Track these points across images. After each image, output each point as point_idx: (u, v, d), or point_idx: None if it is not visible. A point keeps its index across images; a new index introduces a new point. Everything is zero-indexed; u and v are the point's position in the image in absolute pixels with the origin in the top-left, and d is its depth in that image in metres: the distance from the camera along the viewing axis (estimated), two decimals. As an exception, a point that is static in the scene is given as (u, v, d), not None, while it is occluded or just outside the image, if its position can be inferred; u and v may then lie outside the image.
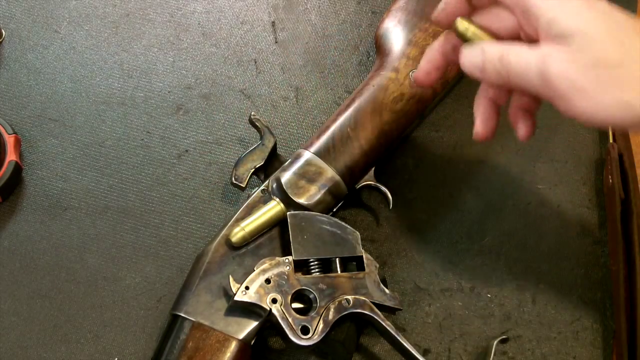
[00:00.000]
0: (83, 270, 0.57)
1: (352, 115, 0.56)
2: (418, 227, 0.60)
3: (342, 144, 0.55)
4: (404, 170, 0.62)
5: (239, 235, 0.52)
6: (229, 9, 0.68)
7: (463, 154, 0.62)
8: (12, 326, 0.55)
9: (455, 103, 0.64)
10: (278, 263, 0.50)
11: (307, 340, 0.48)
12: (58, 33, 0.66)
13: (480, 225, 0.60)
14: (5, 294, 0.56)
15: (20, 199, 0.59)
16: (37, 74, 0.64)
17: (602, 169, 0.62)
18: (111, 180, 0.60)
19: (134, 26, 0.67)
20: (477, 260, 0.58)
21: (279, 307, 0.48)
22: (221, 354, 0.49)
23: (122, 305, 0.56)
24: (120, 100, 0.64)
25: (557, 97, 0.42)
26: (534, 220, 0.60)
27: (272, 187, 0.54)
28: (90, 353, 0.54)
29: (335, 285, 0.50)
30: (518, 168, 0.62)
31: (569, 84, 0.41)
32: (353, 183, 0.56)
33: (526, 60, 0.43)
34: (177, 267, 0.57)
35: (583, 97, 0.40)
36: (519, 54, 0.43)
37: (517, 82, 0.43)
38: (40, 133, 0.62)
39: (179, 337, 0.49)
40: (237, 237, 0.51)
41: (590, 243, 0.59)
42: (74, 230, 0.58)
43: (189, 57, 0.66)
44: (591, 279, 0.58)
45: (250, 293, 0.49)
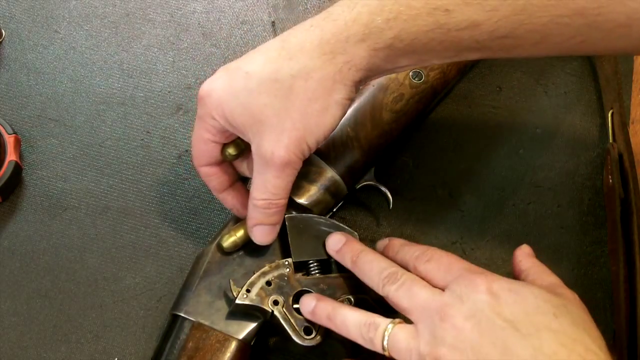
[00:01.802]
0: (83, 270, 0.57)
1: (352, 115, 0.56)
2: (418, 227, 0.60)
3: (342, 143, 0.55)
4: (404, 170, 0.62)
5: (230, 240, 0.51)
6: (229, 9, 0.68)
7: (463, 154, 0.62)
8: (12, 326, 0.55)
9: (455, 103, 0.64)
10: (278, 265, 0.50)
11: (311, 341, 0.48)
12: (58, 33, 0.66)
13: (480, 225, 0.60)
14: (5, 294, 0.56)
15: (20, 199, 0.59)
16: (37, 74, 0.64)
17: (602, 169, 0.62)
18: (111, 180, 0.60)
19: (134, 26, 0.67)
20: (477, 260, 0.58)
21: (281, 308, 0.48)
22: (221, 354, 0.49)
23: (122, 305, 0.56)
24: (120, 100, 0.64)
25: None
26: (534, 220, 0.60)
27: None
28: (90, 353, 0.54)
29: (336, 285, 0.50)
30: (518, 168, 0.62)
31: None
32: (353, 183, 0.56)
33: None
34: (177, 267, 0.57)
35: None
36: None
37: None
38: (40, 133, 0.62)
39: (179, 337, 0.49)
40: (228, 242, 0.51)
41: (590, 243, 0.59)
42: (74, 230, 0.58)
43: (189, 57, 0.66)
44: (591, 279, 0.58)
45: (252, 296, 0.49)
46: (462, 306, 0.41)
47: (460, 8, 0.43)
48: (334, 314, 0.47)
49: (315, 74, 0.44)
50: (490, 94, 0.65)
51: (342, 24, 0.44)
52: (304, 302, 0.48)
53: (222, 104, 0.46)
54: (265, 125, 0.45)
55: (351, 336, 0.46)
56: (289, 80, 0.44)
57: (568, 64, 0.66)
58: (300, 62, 0.44)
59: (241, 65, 0.46)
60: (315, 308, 0.48)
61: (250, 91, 0.45)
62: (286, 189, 0.48)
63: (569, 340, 0.39)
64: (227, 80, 0.46)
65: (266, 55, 0.46)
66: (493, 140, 0.63)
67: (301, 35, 0.45)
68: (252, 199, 0.48)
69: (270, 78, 0.45)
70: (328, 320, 0.47)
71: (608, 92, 0.64)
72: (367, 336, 0.44)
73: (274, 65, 0.45)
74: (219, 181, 0.51)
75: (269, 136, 0.45)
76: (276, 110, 0.45)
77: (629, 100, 0.65)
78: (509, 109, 0.65)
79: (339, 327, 0.46)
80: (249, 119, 0.45)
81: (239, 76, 0.46)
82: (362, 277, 0.48)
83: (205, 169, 0.51)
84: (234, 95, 0.46)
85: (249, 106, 0.45)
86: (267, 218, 0.49)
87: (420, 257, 0.46)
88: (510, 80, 0.66)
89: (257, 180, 0.48)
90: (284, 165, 0.46)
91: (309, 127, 0.45)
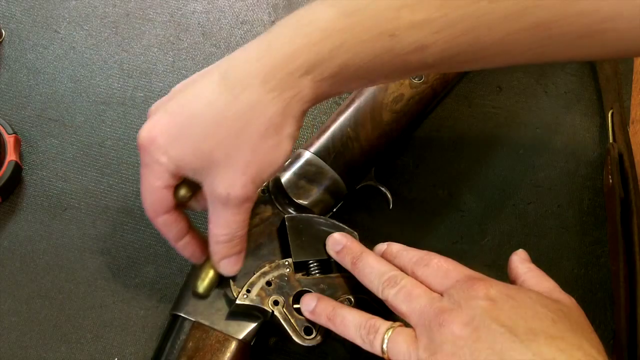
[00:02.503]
0: (83, 270, 0.57)
1: (352, 115, 0.56)
2: (418, 227, 0.60)
3: (342, 144, 0.55)
4: (404, 170, 0.62)
5: (205, 285, 0.50)
6: (229, 9, 0.68)
7: (463, 154, 0.62)
8: (12, 326, 0.55)
9: (455, 103, 0.65)
10: (278, 265, 0.50)
11: (311, 341, 0.48)
12: (58, 33, 0.66)
13: (480, 225, 0.60)
14: (5, 294, 0.56)
15: (20, 199, 0.59)
16: (37, 74, 0.64)
17: (602, 169, 0.62)
18: (111, 180, 0.60)
19: (134, 26, 0.67)
20: (477, 260, 0.58)
21: (281, 308, 0.48)
22: (221, 354, 0.49)
23: (122, 305, 0.56)
24: (120, 100, 0.64)
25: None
26: (534, 220, 0.60)
27: (271, 187, 0.54)
28: (90, 353, 0.54)
29: (336, 285, 0.50)
30: (518, 168, 0.62)
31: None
32: (353, 183, 0.56)
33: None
34: (177, 267, 0.57)
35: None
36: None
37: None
38: (40, 133, 0.62)
39: (179, 337, 0.49)
40: (203, 287, 0.50)
41: (590, 243, 0.59)
42: (74, 230, 0.58)
43: (189, 57, 0.66)
44: (591, 279, 0.58)
45: (252, 296, 0.49)
46: (460, 312, 0.41)
47: (407, 32, 0.41)
48: (333, 314, 0.47)
49: (264, 112, 0.43)
50: (490, 94, 0.65)
51: (284, 57, 0.42)
52: (305, 301, 0.48)
53: (168, 149, 0.44)
54: (217, 166, 0.44)
55: (350, 337, 0.46)
56: (237, 120, 0.43)
57: (568, 64, 0.67)
58: (247, 101, 0.42)
59: (181, 107, 0.44)
60: (316, 308, 0.48)
61: (198, 135, 0.43)
62: (246, 220, 0.47)
63: (567, 346, 0.39)
64: (170, 124, 0.44)
65: (207, 94, 0.43)
66: (493, 140, 0.63)
67: (242, 70, 0.43)
68: (214, 236, 0.47)
69: (216, 119, 0.43)
70: (328, 321, 0.47)
71: (608, 92, 0.64)
72: (366, 339, 0.44)
73: (218, 104, 0.43)
74: (177, 229, 0.49)
75: (223, 177, 0.44)
76: (227, 152, 0.43)
77: (629, 100, 0.65)
78: (509, 109, 0.65)
79: (338, 328, 0.46)
80: (199, 161, 0.44)
81: (181, 120, 0.44)
82: (361, 280, 0.48)
83: (162, 219, 0.48)
84: (180, 139, 0.44)
85: (198, 150, 0.43)
86: (231, 250, 0.48)
87: (418, 262, 0.46)
88: (510, 80, 0.66)
89: (215, 218, 0.46)
90: (242, 202, 0.45)
91: (263, 164, 0.44)
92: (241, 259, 0.49)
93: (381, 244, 0.50)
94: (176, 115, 0.44)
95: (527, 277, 0.46)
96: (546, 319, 0.40)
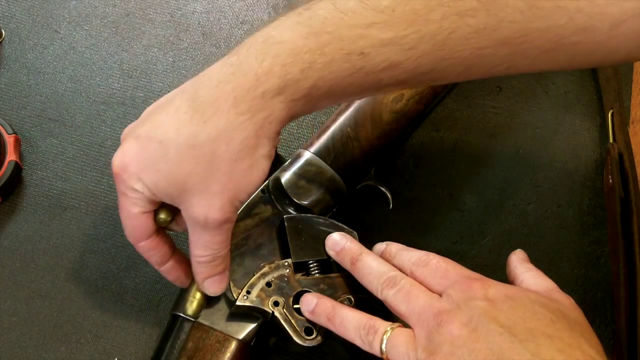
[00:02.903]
0: (83, 270, 0.57)
1: (352, 115, 0.56)
2: (418, 227, 0.60)
3: (342, 144, 0.55)
4: (404, 170, 0.61)
5: (194, 307, 0.50)
6: (229, 9, 0.68)
7: (463, 154, 0.62)
8: (12, 326, 0.55)
9: (455, 103, 0.64)
10: (278, 266, 0.50)
11: (312, 341, 0.48)
12: (58, 33, 0.66)
13: (480, 225, 0.60)
14: (5, 294, 0.56)
15: (20, 199, 0.59)
16: (37, 74, 0.64)
17: (602, 169, 0.62)
18: (111, 180, 0.60)
19: (134, 26, 0.67)
20: (477, 260, 0.58)
21: (282, 309, 0.48)
22: (221, 354, 0.49)
23: (122, 305, 0.56)
24: (120, 100, 0.64)
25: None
26: (534, 220, 0.60)
27: (271, 187, 0.54)
28: (90, 353, 0.54)
29: (336, 285, 0.50)
30: (518, 168, 0.62)
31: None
32: (353, 183, 0.56)
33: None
34: (177, 267, 0.57)
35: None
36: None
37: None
38: (40, 133, 0.62)
39: (179, 337, 0.49)
40: (192, 309, 0.50)
41: (590, 243, 0.59)
42: (74, 230, 0.58)
43: (189, 57, 0.66)
44: (591, 279, 0.58)
45: (252, 297, 0.49)
46: (459, 312, 0.41)
47: (377, 50, 0.41)
48: (333, 314, 0.47)
49: (236, 136, 0.42)
50: (490, 94, 0.65)
51: (254, 79, 0.41)
52: (304, 301, 0.48)
53: (141, 177, 0.43)
54: (192, 192, 0.43)
55: (350, 338, 0.46)
56: (209, 145, 0.42)
57: (568, 64, 0.67)
58: (218, 125, 0.42)
59: (151, 133, 0.43)
60: (315, 308, 0.48)
61: (170, 161, 0.42)
62: (226, 240, 0.47)
63: (566, 346, 0.39)
64: (141, 151, 0.43)
65: (176, 119, 0.42)
66: (493, 140, 0.63)
67: (211, 93, 0.42)
68: (195, 257, 0.47)
69: (188, 145, 0.42)
70: (327, 321, 0.47)
71: (608, 92, 0.64)
72: (365, 339, 0.44)
73: (189, 130, 0.42)
74: (160, 254, 0.49)
75: (199, 202, 0.43)
76: (201, 177, 0.43)
77: (629, 100, 0.65)
78: (509, 109, 0.65)
79: (337, 328, 0.46)
80: (174, 188, 0.43)
81: (152, 147, 0.43)
82: (360, 280, 0.48)
83: (144, 245, 0.47)
84: (152, 167, 0.43)
85: (171, 176, 0.43)
86: (214, 270, 0.48)
87: (417, 262, 0.46)
88: (510, 80, 0.66)
89: (195, 240, 0.46)
90: (220, 225, 0.45)
91: (238, 186, 0.44)
92: (225, 277, 0.49)
93: (380, 243, 0.50)
94: (146, 142, 0.43)
95: (525, 277, 0.46)
96: (545, 319, 0.40)
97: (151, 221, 0.47)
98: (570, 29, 0.42)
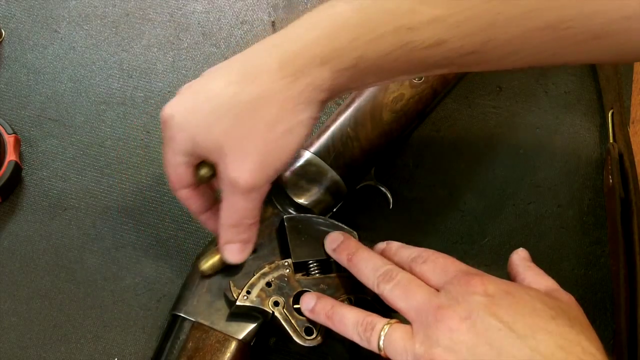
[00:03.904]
0: (83, 270, 0.57)
1: (352, 115, 0.56)
2: (418, 227, 0.60)
3: (342, 143, 0.55)
4: (404, 170, 0.62)
5: (209, 264, 0.50)
6: (229, 9, 0.68)
7: (463, 154, 0.62)
8: (12, 326, 0.55)
9: (455, 103, 0.65)
10: (278, 266, 0.50)
11: (312, 341, 0.48)
12: (58, 33, 0.66)
13: (480, 225, 0.60)
14: (5, 294, 0.56)
15: (20, 199, 0.59)
16: (37, 74, 0.64)
17: (602, 169, 0.62)
18: (111, 180, 0.60)
19: (134, 26, 0.67)
20: (477, 260, 0.58)
21: (282, 309, 0.48)
22: (221, 354, 0.49)
23: (122, 305, 0.56)
24: (120, 100, 0.64)
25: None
26: (534, 220, 0.60)
27: (271, 187, 0.54)
28: (90, 353, 0.54)
29: (336, 285, 0.50)
30: (518, 168, 0.62)
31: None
32: (353, 183, 0.56)
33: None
34: (177, 267, 0.57)
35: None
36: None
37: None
38: (40, 133, 0.62)
39: (178, 337, 0.49)
40: (206, 265, 0.50)
41: (590, 243, 0.59)
42: (74, 230, 0.58)
43: (189, 57, 0.66)
44: (591, 279, 0.58)
45: (252, 297, 0.49)
46: (458, 307, 0.41)
47: (425, 26, 0.42)
48: (332, 312, 0.47)
49: (277, 97, 0.43)
50: (490, 94, 0.65)
51: (303, 46, 0.43)
52: (304, 300, 0.48)
53: (184, 127, 0.45)
54: (228, 149, 0.44)
55: (349, 335, 0.46)
56: (250, 104, 0.43)
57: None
58: (261, 85, 0.43)
59: (203, 87, 0.45)
60: (315, 307, 0.48)
61: (212, 115, 0.44)
62: (254, 210, 0.47)
63: (566, 342, 0.39)
64: (189, 103, 0.45)
65: (227, 78, 0.44)
66: (493, 140, 0.63)
67: (262, 56, 0.44)
68: (221, 218, 0.48)
69: (231, 102, 0.44)
70: (327, 319, 0.47)
71: (608, 92, 0.64)
72: (363, 336, 0.44)
73: (235, 88, 0.44)
74: (197, 204, 0.50)
75: (233, 161, 0.44)
76: (238, 135, 0.44)
77: (629, 100, 0.65)
78: (509, 109, 0.65)
79: (337, 326, 0.46)
80: (212, 143, 0.45)
81: (200, 99, 0.45)
82: (357, 276, 0.48)
83: (182, 193, 0.49)
84: (196, 118, 0.45)
85: (211, 130, 0.44)
86: (237, 237, 0.48)
87: (416, 259, 0.46)
88: (510, 80, 0.66)
89: (225, 202, 0.47)
90: (249, 190, 0.45)
91: (273, 150, 0.44)
92: (247, 249, 0.49)
93: (380, 242, 0.50)
94: (195, 96, 0.45)
95: (526, 275, 0.46)
96: (545, 315, 0.40)
97: (191, 172, 0.48)
98: (620, 13, 0.41)
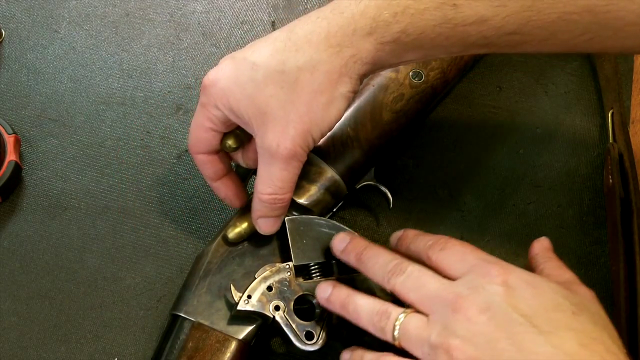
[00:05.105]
0: (83, 270, 0.57)
1: (352, 115, 0.56)
2: (418, 227, 0.59)
3: (342, 144, 0.55)
4: (404, 170, 0.62)
5: (235, 232, 0.52)
6: (229, 9, 0.68)
7: (463, 154, 0.62)
8: (12, 326, 0.55)
9: (455, 103, 0.65)
10: (279, 269, 0.50)
11: (312, 346, 0.48)
12: (58, 33, 0.66)
13: (480, 225, 0.60)
14: (5, 294, 0.56)
15: (20, 199, 0.59)
16: (37, 74, 0.64)
17: (602, 169, 0.61)
18: (111, 180, 0.60)
19: (134, 26, 0.67)
20: (477, 260, 0.58)
21: (282, 314, 0.48)
22: (221, 354, 0.49)
23: (122, 305, 0.56)
24: (120, 100, 0.64)
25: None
26: (534, 220, 0.60)
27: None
28: (90, 353, 0.54)
29: (336, 286, 0.50)
30: (518, 168, 0.62)
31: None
32: (353, 183, 0.56)
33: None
34: (177, 267, 0.57)
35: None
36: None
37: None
38: (40, 133, 0.62)
39: (179, 337, 0.49)
40: (233, 232, 0.52)
41: (590, 243, 0.59)
42: (74, 230, 0.58)
43: (189, 57, 0.66)
44: (591, 279, 0.58)
45: (253, 301, 0.48)
46: (477, 297, 0.40)
47: (469, 3, 0.43)
48: (347, 301, 0.46)
49: (321, 67, 0.44)
50: (490, 94, 0.65)
51: (349, 17, 0.44)
52: (320, 288, 0.48)
53: (227, 94, 0.46)
54: (271, 117, 0.45)
55: (363, 325, 0.45)
56: (295, 72, 0.44)
57: (568, 64, 0.66)
58: (306, 55, 0.44)
59: (247, 55, 0.46)
60: (331, 296, 0.47)
61: (257, 82, 0.45)
62: (292, 181, 0.48)
63: (589, 340, 0.38)
64: (233, 71, 0.46)
65: (273, 46, 0.45)
66: (493, 140, 0.63)
67: (308, 27, 0.45)
68: (258, 193, 0.48)
69: (276, 69, 0.45)
70: (341, 308, 0.46)
71: (608, 92, 0.64)
72: (378, 325, 0.43)
73: (281, 56, 0.45)
74: (214, 170, 0.51)
75: (275, 128, 0.45)
76: (282, 102, 0.45)
77: (629, 100, 0.65)
78: (509, 109, 0.65)
79: (351, 315, 0.45)
80: (254, 110, 0.45)
81: (245, 67, 0.45)
82: (367, 274, 0.47)
83: (201, 157, 0.50)
84: (239, 86, 0.45)
85: (254, 97, 0.45)
86: (272, 212, 0.49)
87: (433, 246, 0.45)
88: (510, 80, 0.66)
89: (263, 173, 0.47)
90: (290, 157, 0.46)
91: (315, 119, 0.45)
92: (279, 222, 0.51)
93: (397, 231, 0.50)
94: (241, 62, 0.46)
95: (546, 267, 0.45)
96: (567, 310, 0.39)
97: (216, 140, 0.49)
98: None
